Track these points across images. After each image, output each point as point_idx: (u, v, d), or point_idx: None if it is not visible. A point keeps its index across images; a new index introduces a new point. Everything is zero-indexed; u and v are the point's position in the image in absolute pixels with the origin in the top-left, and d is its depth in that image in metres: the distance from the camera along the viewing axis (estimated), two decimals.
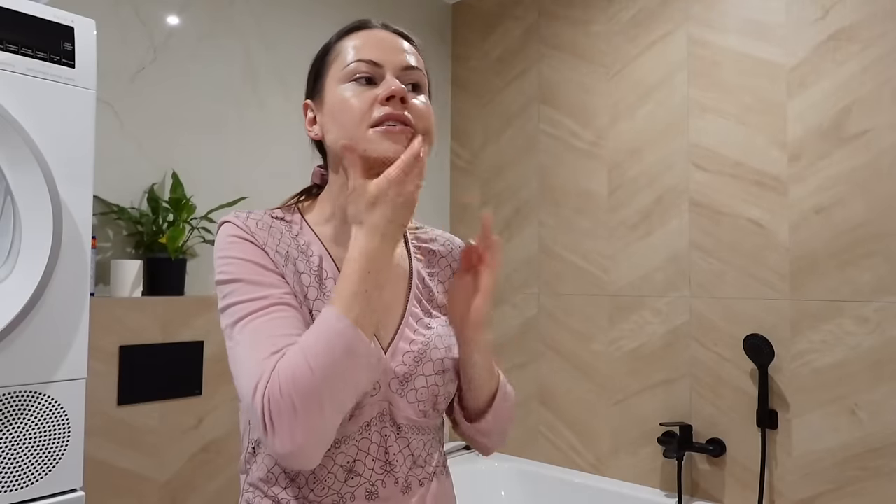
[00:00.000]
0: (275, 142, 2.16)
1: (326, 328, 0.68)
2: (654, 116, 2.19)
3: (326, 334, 0.67)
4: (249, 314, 0.73)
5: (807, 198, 1.87)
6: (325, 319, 0.69)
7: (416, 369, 0.82)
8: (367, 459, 0.79)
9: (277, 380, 0.66)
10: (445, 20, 2.82)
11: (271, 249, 0.78)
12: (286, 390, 0.65)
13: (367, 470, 0.79)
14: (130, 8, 1.83)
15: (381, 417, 0.80)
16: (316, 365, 0.66)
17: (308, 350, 0.67)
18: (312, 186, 0.92)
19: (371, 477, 0.79)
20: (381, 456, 0.80)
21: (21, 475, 1.12)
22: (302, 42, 2.26)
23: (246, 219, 0.80)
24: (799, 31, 1.89)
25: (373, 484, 0.79)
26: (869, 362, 1.75)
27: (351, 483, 0.78)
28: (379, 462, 0.79)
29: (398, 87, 0.76)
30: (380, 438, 0.80)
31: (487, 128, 2.66)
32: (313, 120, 0.84)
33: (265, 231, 0.80)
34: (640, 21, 2.24)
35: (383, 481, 0.79)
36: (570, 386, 2.36)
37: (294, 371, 0.66)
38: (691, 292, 2.08)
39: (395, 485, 0.80)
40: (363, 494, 0.78)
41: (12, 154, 1.10)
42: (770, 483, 1.90)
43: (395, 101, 0.76)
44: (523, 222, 2.53)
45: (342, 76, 0.79)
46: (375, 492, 0.79)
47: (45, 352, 1.16)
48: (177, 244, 1.77)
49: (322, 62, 0.84)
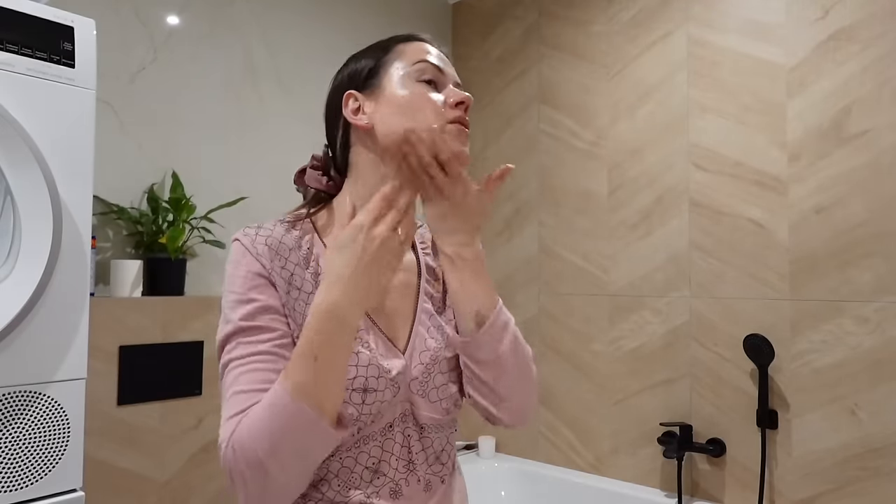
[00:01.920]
0: (275, 142, 2.16)
1: (272, 397, 0.68)
2: (654, 116, 2.19)
3: (270, 404, 0.68)
4: (233, 360, 0.74)
5: (807, 198, 1.87)
6: (274, 389, 0.69)
7: (432, 368, 0.82)
8: (392, 459, 0.79)
9: (232, 446, 0.68)
10: (445, 20, 2.82)
11: (276, 273, 0.78)
12: (238, 457, 0.68)
13: (391, 469, 0.79)
14: (130, 8, 1.83)
15: (404, 418, 0.81)
16: (259, 437, 0.67)
17: (254, 420, 0.68)
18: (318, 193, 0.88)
19: (395, 476, 0.80)
20: (404, 455, 0.80)
21: (21, 475, 1.12)
22: (302, 42, 2.26)
23: (255, 238, 0.80)
24: (799, 31, 1.89)
25: (396, 483, 0.80)
26: (869, 362, 1.75)
27: (376, 483, 0.78)
28: (402, 461, 0.80)
29: (468, 96, 0.81)
30: (402, 438, 0.80)
31: (487, 128, 2.66)
32: (357, 110, 0.83)
33: (274, 251, 0.79)
34: (640, 21, 2.24)
35: (406, 480, 0.80)
36: (570, 386, 2.36)
37: (243, 441, 0.68)
38: (691, 292, 2.08)
39: (417, 483, 0.81)
40: (388, 494, 0.79)
41: (12, 154, 1.10)
42: (770, 483, 1.90)
43: (463, 107, 0.81)
44: (523, 222, 2.53)
45: (411, 72, 0.81)
46: (399, 490, 0.80)
47: (45, 352, 1.16)
48: (177, 244, 1.77)
49: (379, 58, 0.84)
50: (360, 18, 2.43)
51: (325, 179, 0.87)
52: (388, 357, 0.79)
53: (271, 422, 0.67)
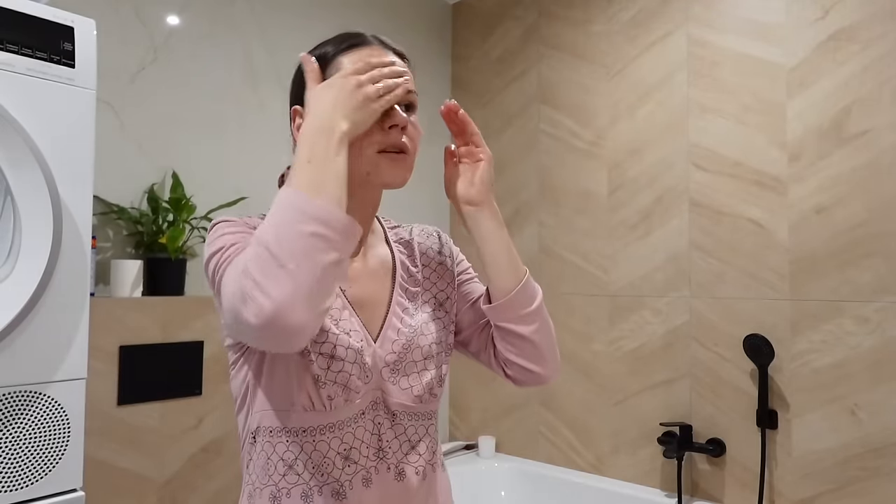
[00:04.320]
0: (275, 142, 2.16)
1: (276, 203, 0.68)
2: (654, 116, 2.19)
3: (273, 207, 0.68)
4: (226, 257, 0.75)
5: (807, 198, 1.87)
6: (277, 197, 0.69)
7: (405, 356, 0.85)
8: (362, 447, 0.81)
9: (236, 268, 0.66)
10: (445, 20, 2.82)
11: None
12: (246, 271, 0.64)
13: (361, 457, 0.81)
14: (130, 8, 1.83)
15: (375, 405, 0.83)
16: (266, 237, 0.65)
17: (259, 231, 0.66)
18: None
19: (366, 464, 0.81)
20: (374, 443, 0.82)
21: (21, 475, 1.12)
22: (302, 42, 2.26)
23: (237, 218, 0.83)
24: (799, 31, 1.89)
25: (367, 470, 0.81)
26: (869, 362, 1.75)
27: (348, 471, 0.80)
28: (372, 449, 0.82)
29: (402, 118, 0.79)
30: (373, 426, 0.82)
31: (487, 128, 2.66)
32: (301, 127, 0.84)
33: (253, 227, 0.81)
34: (640, 21, 2.24)
35: (376, 468, 0.82)
36: (570, 386, 2.36)
37: (249, 253, 0.65)
38: (691, 292, 2.08)
39: (387, 471, 0.83)
40: (360, 481, 0.81)
41: (12, 154, 1.10)
42: (770, 483, 1.90)
43: (398, 129, 0.79)
44: (523, 222, 2.53)
45: None
46: (370, 478, 0.81)
47: (45, 352, 1.16)
48: (177, 244, 1.77)
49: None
50: (360, 19, 2.43)
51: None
52: (359, 340, 0.82)
53: (272, 216, 0.66)
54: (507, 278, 0.86)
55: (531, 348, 0.87)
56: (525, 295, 0.86)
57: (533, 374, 0.89)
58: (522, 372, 0.89)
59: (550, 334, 0.89)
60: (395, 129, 0.79)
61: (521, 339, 0.87)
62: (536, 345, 0.87)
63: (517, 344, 0.87)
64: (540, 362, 0.88)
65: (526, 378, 0.90)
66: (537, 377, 0.89)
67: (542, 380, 0.90)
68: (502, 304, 0.86)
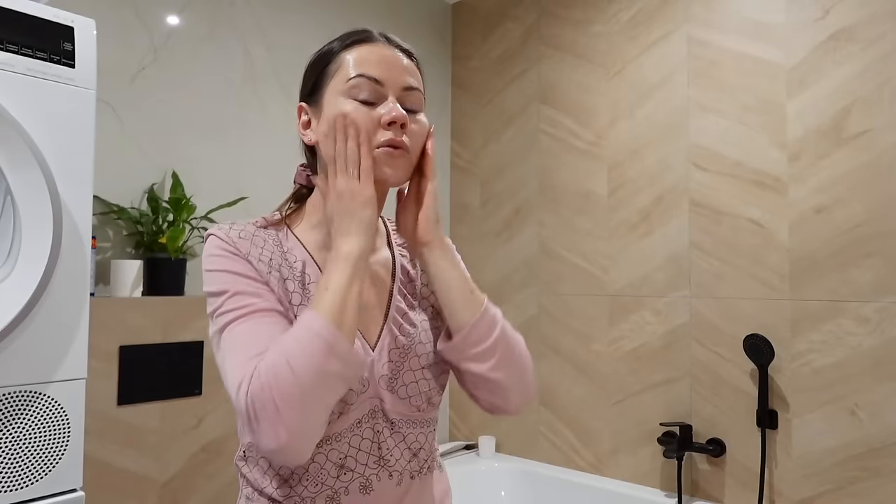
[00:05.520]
0: (275, 142, 2.16)
1: (304, 328, 0.70)
2: (654, 116, 2.19)
3: (306, 334, 0.69)
4: (234, 320, 0.75)
5: (807, 198, 1.87)
6: (303, 320, 0.71)
7: (402, 365, 0.83)
8: (360, 455, 0.81)
9: (259, 379, 0.67)
10: (445, 20, 2.82)
11: (255, 258, 0.80)
12: (267, 389, 0.66)
13: (359, 465, 0.81)
14: (130, 8, 1.83)
15: (373, 414, 0.82)
16: (295, 363, 0.67)
17: (287, 350, 0.68)
18: (300, 188, 0.92)
19: (364, 472, 0.81)
20: (374, 451, 0.81)
21: (21, 475, 1.12)
22: (302, 42, 2.26)
23: (229, 230, 0.82)
24: (799, 31, 1.89)
25: (366, 478, 0.81)
26: (869, 362, 1.75)
27: (343, 478, 0.80)
28: (372, 457, 0.81)
29: (400, 114, 0.78)
30: (372, 434, 0.81)
31: (487, 128, 2.66)
32: (307, 124, 0.85)
33: (248, 241, 0.81)
34: (640, 21, 2.24)
35: (377, 475, 0.81)
36: (571, 386, 2.36)
37: (275, 370, 0.67)
38: (691, 292, 2.08)
39: (389, 478, 0.82)
40: (357, 489, 0.80)
41: (12, 154, 1.10)
42: (770, 483, 1.90)
43: (396, 126, 0.79)
44: (523, 222, 2.53)
45: (344, 89, 0.80)
46: (369, 485, 0.81)
47: (45, 352, 1.16)
48: (177, 244, 1.77)
49: (322, 70, 0.83)
50: (360, 19, 2.43)
51: (305, 175, 0.92)
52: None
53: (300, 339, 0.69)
54: (461, 315, 0.82)
55: (492, 385, 0.83)
56: (477, 333, 0.81)
57: (499, 408, 0.86)
58: (489, 404, 0.86)
59: (513, 366, 0.83)
60: (394, 125, 0.79)
61: (479, 378, 0.82)
62: (496, 382, 0.82)
63: (476, 383, 0.83)
64: (503, 396, 0.83)
65: (494, 409, 0.86)
66: (504, 410, 0.86)
67: (508, 412, 0.86)
68: (456, 343, 0.82)
